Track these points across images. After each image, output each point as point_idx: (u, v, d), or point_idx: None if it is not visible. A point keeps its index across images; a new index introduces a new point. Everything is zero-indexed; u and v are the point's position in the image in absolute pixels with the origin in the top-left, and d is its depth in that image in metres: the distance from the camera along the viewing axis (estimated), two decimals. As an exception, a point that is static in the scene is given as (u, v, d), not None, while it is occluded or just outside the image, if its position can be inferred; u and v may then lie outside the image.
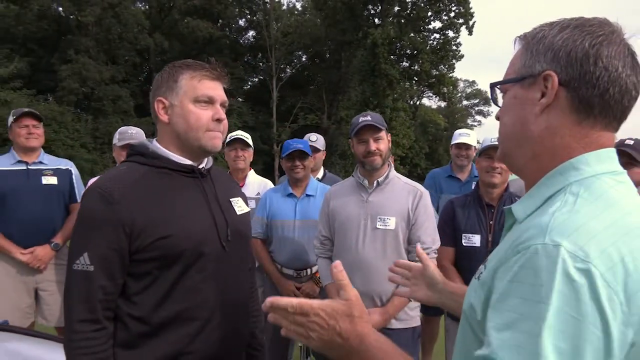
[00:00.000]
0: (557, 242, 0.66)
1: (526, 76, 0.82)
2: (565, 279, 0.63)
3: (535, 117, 0.81)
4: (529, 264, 0.67)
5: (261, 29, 37.13)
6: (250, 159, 3.26)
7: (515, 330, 0.65)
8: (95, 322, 1.26)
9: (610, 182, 0.76)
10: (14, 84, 30.79)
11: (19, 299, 3.03)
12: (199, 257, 1.34)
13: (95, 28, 32.28)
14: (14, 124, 3.08)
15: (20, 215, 2.99)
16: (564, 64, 0.78)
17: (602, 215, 0.70)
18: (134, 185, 1.32)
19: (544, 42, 0.80)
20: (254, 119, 35.37)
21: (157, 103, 1.40)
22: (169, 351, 1.31)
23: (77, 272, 1.27)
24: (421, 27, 32.93)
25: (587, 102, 0.77)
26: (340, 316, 0.84)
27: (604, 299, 0.62)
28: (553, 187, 0.78)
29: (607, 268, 0.64)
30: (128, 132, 3.31)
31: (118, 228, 1.26)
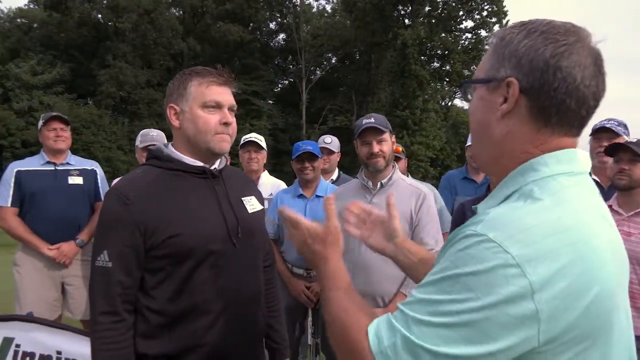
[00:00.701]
0: (485, 232, 0.71)
1: (491, 79, 0.84)
2: (480, 263, 0.69)
3: (497, 122, 0.83)
4: (457, 245, 0.74)
5: (291, 32, 37.51)
6: (264, 160, 3.34)
7: (425, 292, 0.74)
8: (114, 314, 1.36)
9: (565, 183, 0.78)
10: (56, 88, 32.34)
11: (47, 292, 3.21)
12: (209, 254, 1.42)
13: (131, 34, 33.44)
14: (43, 128, 3.28)
15: (48, 213, 3.17)
16: (526, 71, 0.79)
17: (543, 212, 0.73)
18: (149, 186, 1.42)
19: (510, 47, 0.81)
20: (284, 121, 35.74)
21: (169, 109, 1.50)
22: (186, 342, 1.40)
23: (98, 268, 1.38)
24: (452, 27, 32.43)
25: (545, 112, 0.79)
26: (316, 238, 1.04)
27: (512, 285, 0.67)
28: (512, 187, 0.81)
29: (527, 259, 0.68)
30: (149, 135, 3.45)
31: (133, 227, 1.36)
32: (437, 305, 0.71)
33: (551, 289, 0.67)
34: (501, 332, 0.68)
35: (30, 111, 30.97)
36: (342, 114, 35.76)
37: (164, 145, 1.55)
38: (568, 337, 0.70)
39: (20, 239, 3.18)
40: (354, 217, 1.32)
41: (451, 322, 0.69)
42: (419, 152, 28.32)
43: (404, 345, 0.72)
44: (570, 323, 0.69)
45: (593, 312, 0.70)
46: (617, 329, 0.76)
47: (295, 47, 36.71)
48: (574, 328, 0.70)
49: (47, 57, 32.95)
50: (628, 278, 0.83)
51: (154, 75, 34.16)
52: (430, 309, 0.72)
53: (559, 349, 0.70)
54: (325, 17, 40.59)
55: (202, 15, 36.96)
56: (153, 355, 1.40)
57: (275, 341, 1.74)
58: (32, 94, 31.63)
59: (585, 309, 0.69)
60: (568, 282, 0.68)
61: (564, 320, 0.69)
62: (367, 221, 1.31)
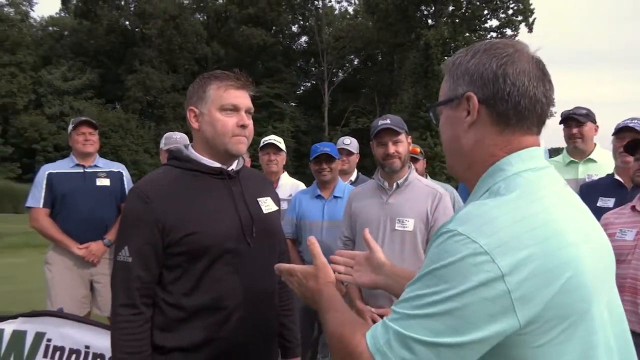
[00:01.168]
0: (455, 227, 0.79)
1: (452, 98, 0.94)
2: (452, 255, 0.76)
3: (465, 133, 0.93)
4: (434, 243, 0.82)
5: (313, 34, 37.67)
6: (283, 162, 3.40)
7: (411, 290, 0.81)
8: (133, 307, 1.42)
9: (529, 177, 0.86)
10: (86, 93, 33.38)
11: (76, 290, 3.34)
12: (224, 253, 1.47)
13: (157, 39, 34.22)
14: (72, 132, 3.42)
15: (77, 214, 3.30)
16: (479, 85, 0.89)
17: (506, 205, 0.81)
18: (168, 186, 1.47)
19: (461, 68, 0.92)
20: (306, 123, 35.92)
21: (189, 112, 1.56)
22: (201, 336, 1.45)
23: (119, 262, 1.45)
24: (477, 26, 32.00)
25: (504, 115, 0.88)
26: (309, 277, 1.15)
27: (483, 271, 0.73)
28: (484, 188, 0.90)
29: (494, 247, 0.75)
30: (173, 137, 3.55)
31: (152, 225, 1.42)
32: (420, 299, 0.78)
33: (520, 272, 0.74)
34: (482, 317, 0.73)
35: (62, 116, 32.06)
36: (365, 115, 35.64)
37: (184, 147, 1.61)
38: (548, 315, 0.75)
39: (51, 239, 3.32)
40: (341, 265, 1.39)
41: (434, 312, 0.76)
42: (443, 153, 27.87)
43: (397, 340, 0.78)
44: (548, 301, 0.74)
45: (566, 289, 0.75)
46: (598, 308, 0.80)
47: (318, 49, 36.84)
48: (552, 306, 0.75)
49: (77, 63, 34.06)
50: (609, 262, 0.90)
51: (179, 79, 34.85)
52: (415, 302, 0.78)
53: (540, 329, 0.75)
54: (347, 18, 40.60)
55: (226, 19, 37.50)
56: (169, 347, 1.46)
57: (288, 339, 1.77)
58: (63, 99, 32.76)
59: (558, 286, 0.75)
60: (535, 264, 0.74)
61: (539, 300, 0.74)
62: (353, 264, 1.39)
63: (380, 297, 2.29)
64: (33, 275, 6.76)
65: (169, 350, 1.46)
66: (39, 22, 40.18)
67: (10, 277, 7.05)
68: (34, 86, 33.10)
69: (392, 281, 1.30)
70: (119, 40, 35.40)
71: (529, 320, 0.74)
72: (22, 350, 2.43)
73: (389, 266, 1.33)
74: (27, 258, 8.70)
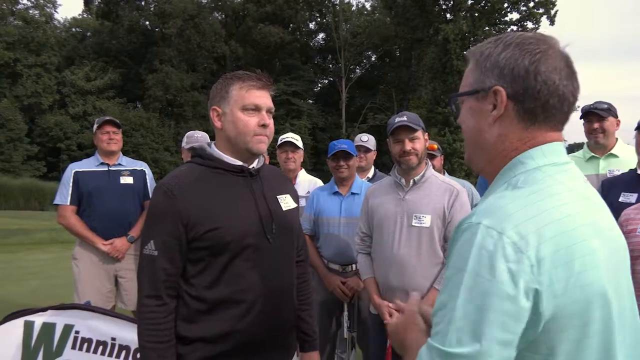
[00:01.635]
0: (479, 220, 0.80)
1: (479, 90, 0.92)
2: (481, 249, 0.77)
3: (489, 127, 0.92)
4: (458, 238, 0.83)
5: (331, 31, 37.58)
6: (301, 160, 3.44)
7: (443, 293, 0.80)
8: (158, 298, 1.49)
9: (549, 171, 0.86)
10: (108, 93, 34.02)
11: (101, 284, 3.45)
12: (245, 248, 1.53)
13: (177, 39, 34.60)
14: (97, 131, 3.53)
15: (102, 211, 3.41)
16: (509, 80, 0.88)
17: (524, 198, 0.81)
18: (192, 183, 1.53)
19: (491, 60, 0.91)
20: (324, 120, 35.89)
21: (212, 111, 1.62)
22: (221, 328, 1.52)
23: (146, 255, 1.51)
24: (496, 19, 31.37)
25: (532, 112, 0.88)
26: None
27: (513, 262, 0.74)
28: (503, 181, 0.90)
29: (519, 238, 0.76)
30: (194, 136, 3.63)
31: (177, 219, 1.47)
32: (454, 300, 0.76)
33: (543, 261, 0.75)
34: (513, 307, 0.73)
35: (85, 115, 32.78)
36: (382, 112, 35.43)
37: (207, 145, 1.66)
38: (569, 309, 0.76)
39: (78, 235, 3.43)
40: None
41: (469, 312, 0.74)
42: (462, 150, 27.52)
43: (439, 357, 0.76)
44: (568, 294, 0.76)
45: (583, 282, 0.77)
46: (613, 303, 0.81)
47: (335, 46, 36.76)
48: (571, 300, 0.76)
49: (99, 63, 34.73)
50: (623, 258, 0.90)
51: (198, 78, 35.22)
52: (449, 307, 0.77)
53: (564, 323, 0.76)
54: (364, 15, 40.37)
55: (244, 18, 37.72)
56: (192, 338, 1.52)
57: (306, 333, 1.81)
58: (87, 99, 33.46)
59: (576, 278, 0.76)
60: (555, 256, 0.76)
61: (560, 290, 0.75)
62: None
63: (396, 291, 2.31)
64: (60, 271, 7.00)
65: (192, 341, 1.52)
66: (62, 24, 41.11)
67: (38, 272, 7.28)
68: (58, 86, 33.89)
69: None
70: (140, 40, 35.95)
71: (554, 314, 0.75)
72: (51, 342, 2.52)
73: None
74: (54, 254, 8.97)
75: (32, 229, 12.10)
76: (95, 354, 2.48)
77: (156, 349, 1.48)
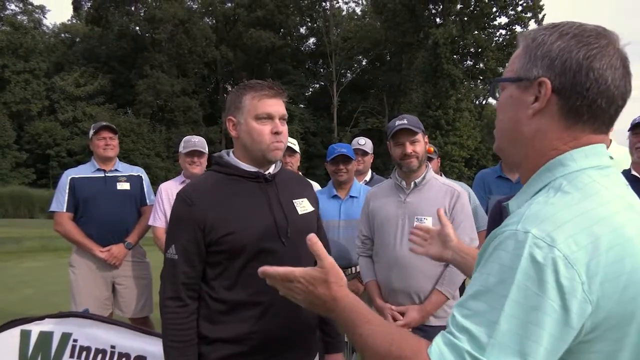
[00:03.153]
0: (527, 229, 0.73)
1: (523, 78, 0.86)
2: (529, 261, 0.71)
3: (528, 119, 0.86)
4: (501, 246, 0.75)
5: (321, 36, 37.75)
6: (297, 163, 3.44)
7: (480, 300, 0.74)
8: (179, 300, 1.56)
9: (594, 176, 0.81)
10: (98, 99, 33.81)
11: (99, 291, 3.41)
12: (259, 252, 1.57)
13: (167, 44, 34.52)
14: (93, 137, 3.49)
15: (99, 217, 3.37)
16: (558, 72, 0.82)
17: (576, 206, 0.76)
18: (209, 190, 1.60)
19: (543, 48, 0.84)
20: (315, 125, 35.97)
21: (228, 122, 1.67)
22: (240, 329, 1.57)
23: (168, 259, 1.59)
24: (485, 23, 31.78)
25: (576, 111, 0.82)
26: (317, 282, 0.97)
27: (564, 278, 0.69)
28: (541, 182, 0.84)
29: (571, 252, 0.71)
30: (191, 141, 3.60)
31: (195, 225, 1.54)
32: (496, 312, 0.71)
33: (595, 278, 0.71)
34: (562, 325, 0.70)
35: (75, 122, 32.54)
36: (374, 115, 35.62)
37: (225, 153, 1.73)
38: (609, 323, 0.73)
39: (75, 242, 3.39)
40: (418, 237, 1.47)
41: (516, 327, 0.70)
42: (453, 153, 27.84)
43: None
44: (612, 308, 0.72)
45: (629, 297, 0.73)
46: None
47: (326, 50, 36.90)
48: (615, 313, 0.73)
49: (89, 69, 34.53)
50: None
51: (189, 83, 35.14)
52: (492, 317, 0.72)
53: (601, 336, 0.74)
54: (355, 19, 40.60)
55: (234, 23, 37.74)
56: (213, 338, 1.58)
57: (330, 335, 1.84)
58: (76, 105, 33.23)
59: (623, 293, 0.72)
60: (607, 271, 0.72)
61: (606, 306, 0.72)
62: (427, 237, 1.46)
63: (399, 294, 2.32)
64: (53, 278, 6.92)
65: (213, 341, 1.58)
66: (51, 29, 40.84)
67: (31, 280, 7.19)
68: (47, 92, 33.64)
69: (459, 257, 1.35)
70: (130, 45, 35.81)
71: (594, 327, 0.72)
72: (49, 351, 2.49)
73: (456, 242, 1.37)
74: (46, 262, 8.86)
75: (22, 237, 11.96)
76: (94, 362, 2.45)
77: (177, 348, 1.55)
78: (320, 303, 0.97)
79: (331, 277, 0.96)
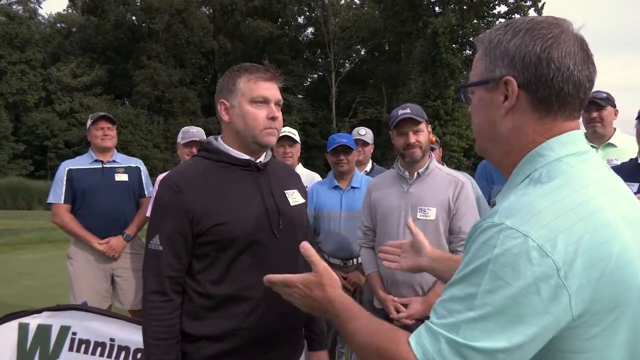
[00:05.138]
0: (502, 220, 0.75)
1: (488, 80, 0.88)
2: (502, 251, 0.73)
3: (502, 119, 0.87)
4: (478, 238, 0.78)
5: (320, 25, 37.45)
6: (298, 154, 3.40)
7: (456, 289, 0.77)
8: (163, 294, 1.46)
9: (571, 162, 0.82)
10: (95, 90, 33.59)
11: (98, 284, 3.39)
12: (251, 244, 1.49)
13: (164, 34, 34.23)
14: (91, 127, 3.44)
15: (97, 209, 3.33)
16: (520, 68, 0.83)
17: (552, 194, 0.77)
18: (198, 177, 1.50)
19: (500, 48, 0.86)
20: (314, 115, 35.83)
21: (219, 105, 1.57)
22: (227, 325, 1.48)
23: (151, 250, 1.48)
24: (485, 12, 31.50)
25: (546, 101, 0.84)
26: (313, 285, 1.04)
27: (538, 266, 0.71)
28: (522, 175, 0.86)
29: (545, 240, 0.72)
30: (190, 131, 3.56)
31: (182, 214, 1.44)
32: (471, 299, 0.74)
33: (574, 264, 0.71)
34: (539, 314, 0.71)
35: (72, 112, 32.34)
36: (372, 106, 35.48)
37: (213, 138, 1.63)
38: (597, 307, 0.73)
39: (73, 234, 3.36)
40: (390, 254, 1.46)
41: (487, 314, 0.72)
42: (452, 143, 27.80)
43: (450, 349, 0.74)
44: (597, 293, 0.72)
45: (615, 280, 0.73)
46: None
47: (324, 40, 36.65)
48: (601, 297, 0.73)
49: (85, 59, 34.25)
50: None
51: (187, 73, 34.91)
52: (464, 304, 0.74)
53: (591, 321, 0.73)
54: (353, 8, 40.26)
55: (232, 12, 37.41)
56: (197, 335, 1.49)
57: (314, 332, 1.78)
58: (73, 96, 33.00)
59: (607, 277, 0.72)
60: (586, 255, 0.72)
61: (590, 291, 0.72)
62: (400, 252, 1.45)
63: (401, 285, 2.29)
64: (52, 270, 6.90)
65: (197, 339, 1.49)
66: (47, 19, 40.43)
67: (30, 272, 7.16)
68: (43, 83, 33.38)
69: (435, 263, 1.34)
70: (127, 35, 35.48)
71: (581, 313, 0.72)
72: (47, 345, 2.47)
73: (430, 249, 1.37)
74: (45, 254, 8.84)
75: (20, 229, 11.92)
76: (93, 355, 2.43)
77: (160, 346, 1.46)
78: (317, 305, 1.04)
79: (325, 280, 1.03)
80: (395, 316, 2.24)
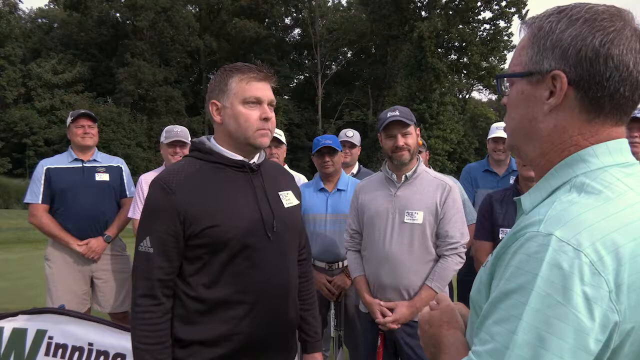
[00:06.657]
0: (549, 231, 0.68)
1: (533, 72, 0.79)
2: (553, 266, 0.65)
3: (544, 116, 0.79)
4: (521, 249, 0.69)
5: (307, 27, 37.47)
6: (284, 155, 3.37)
7: (499, 308, 0.69)
8: (153, 298, 1.42)
9: (618, 175, 0.74)
10: (76, 87, 32.97)
11: (76, 286, 3.28)
12: (245, 246, 1.46)
13: (149, 32, 33.80)
14: (71, 124, 3.34)
15: (77, 210, 3.23)
16: (572, 63, 0.75)
17: (602, 207, 0.70)
18: (190, 177, 1.46)
19: (552, 38, 0.77)
20: (300, 116, 35.80)
21: (211, 105, 1.53)
22: (220, 330, 1.45)
23: (141, 253, 1.44)
24: (470, 18, 31.94)
25: (598, 102, 0.75)
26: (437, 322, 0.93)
27: (591, 286, 0.64)
28: (560, 179, 0.78)
29: (598, 257, 0.65)
30: (174, 131, 3.48)
31: (174, 216, 1.41)
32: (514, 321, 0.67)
33: (621, 287, 0.65)
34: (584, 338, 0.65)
35: (52, 110, 31.69)
36: (358, 108, 35.61)
37: (206, 139, 1.59)
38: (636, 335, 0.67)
39: (51, 235, 3.25)
40: None
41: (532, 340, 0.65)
42: (437, 146, 28.06)
43: None
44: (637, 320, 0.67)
45: None
46: None
47: (311, 41, 36.68)
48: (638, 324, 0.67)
49: (67, 56, 33.61)
50: None
51: (171, 72, 34.52)
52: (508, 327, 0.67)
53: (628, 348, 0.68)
54: (340, 11, 40.39)
55: (218, 11, 37.16)
56: (189, 340, 1.45)
57: (308, 334, 1.76)
58: (54, 93, 32.34)
59: None
60: (631, 280, 0.66)
61: (632, 317, 0.66)
62: None
63: (388, 289, 2.27)
64: (28, 272, 6.71)
65: (189, 344, 1.46)
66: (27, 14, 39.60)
67: (5, 273, 6.97)
68: (23, 79, 32.63)
69: None
70: (110, 32, 34.95)
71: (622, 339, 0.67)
72: (22, 349, 2.39)
73: None
74: (21, 254, 8.62)
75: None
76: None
77: (150, 351, 1.41)
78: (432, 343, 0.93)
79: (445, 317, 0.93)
80: (381, 320, 2.21)
